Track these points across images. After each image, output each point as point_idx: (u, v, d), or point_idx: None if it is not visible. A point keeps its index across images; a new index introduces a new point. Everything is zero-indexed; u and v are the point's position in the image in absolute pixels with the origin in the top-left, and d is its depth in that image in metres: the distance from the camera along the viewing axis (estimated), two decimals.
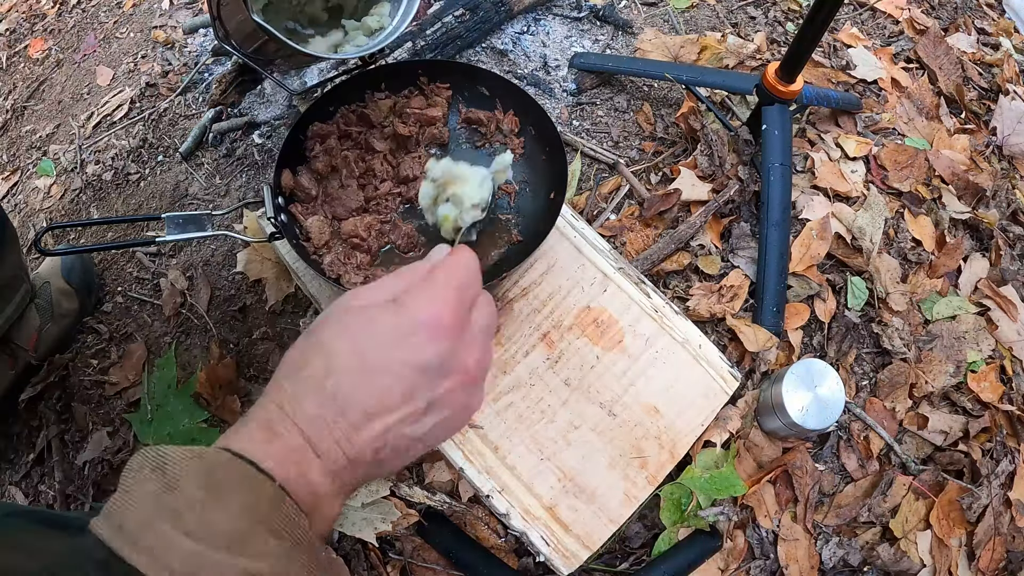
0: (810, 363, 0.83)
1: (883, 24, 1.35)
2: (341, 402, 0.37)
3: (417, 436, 0.38)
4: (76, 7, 1.52)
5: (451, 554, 0.82)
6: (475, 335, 0.40)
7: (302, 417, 0.37)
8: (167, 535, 0.30)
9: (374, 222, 0.86)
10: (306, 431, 0.37)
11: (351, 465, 0.37)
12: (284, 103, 1.19)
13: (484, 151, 0.95)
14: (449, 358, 0.38)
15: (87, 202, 1.19)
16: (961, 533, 0.87)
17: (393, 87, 0.93)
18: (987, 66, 1.31)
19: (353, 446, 0.37)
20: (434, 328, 0.37)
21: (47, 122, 1.33)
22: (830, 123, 1.18)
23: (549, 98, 1.17)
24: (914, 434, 0.93)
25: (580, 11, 1.27)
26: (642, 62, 1.17)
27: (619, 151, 1.12)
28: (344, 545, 0.83)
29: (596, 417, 0.82)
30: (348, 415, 0.36)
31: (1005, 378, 0.98)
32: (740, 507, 0.85)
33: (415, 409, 0.37)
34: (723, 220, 1.03)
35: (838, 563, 0.85)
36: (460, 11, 1.18)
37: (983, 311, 1.02)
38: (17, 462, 0.99)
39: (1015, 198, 1.13)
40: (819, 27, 0.86)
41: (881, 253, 1.03)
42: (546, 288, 0.88)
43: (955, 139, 1.18)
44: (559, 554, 0.75)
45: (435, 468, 0.85)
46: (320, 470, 0.37)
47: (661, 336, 0.85)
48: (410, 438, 0.38)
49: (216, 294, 1.04)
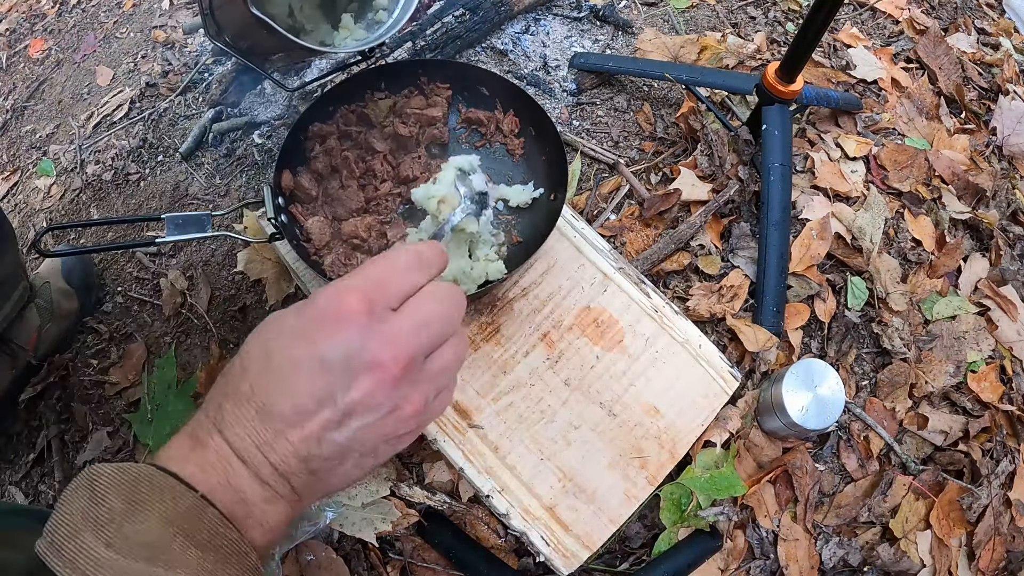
0: (810, 363, 0.83)
1: (883, 24, 1.35)
2: (258, 405, 0.36)
3: (345, 444, 0.36)
4: (76, 7, 1.52)
5: (451, 554, 0.82)
6: (396, 326, 0.36)
7: (224, 423, 0.36)
8: (89, 546, 0.31)
9: (374, 223, 0.86)
10: (228, 437, 0.36)
11: (279, 474, 0.36)
12: (284, 103, 1.19)
13: (484, 151, 0.95)
14: (354, 352, 0.35)
15: (87, 202, 1.19)
16: (961, 533, 0.87)
17: (393, 87, 0.93)
18: (987, 66, 1.31)
19: (276, 453, 0.36)
20: (333, 320, 0.35)
21: (47, 122, 1.33)
22: (830, 123, 1.18)
23: (549, 98, 1.17)
24: (914, 434, 0.93)
25: (580, 11, 1.27)
26: (642, 62, 1.17)
27: (619, 151, 1.12)
28: (344, 545, 0.83)
29: (596, 417, 0.82)
30: (268, 421, 0.36)
31: (1005, 378, 0.98)
32: (740, 507, 0.85)
33: (332, 413, 0.35)
34: (723, 220, 1.03)
35: (838, 563, 0.85)
36: (460, 11, 1.18)
37: (983, 311, 1.02)
38: (17, 462, 0.99)
39: (1015, 198, 1.13)
40: (819, 27, 0.86)
41: (881, 253, 1.03)
42: (546, 288, 0.88)
43: (955, 139, 1.18)
44: (559, 554, 0.75)
45: (435, 468, 0.85)
46: (247, 477, 0.36)
47: (661, 336, 0.85)
48: (339, 446, 0.36)
49: (216, 294, 1.04)
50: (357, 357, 0.35)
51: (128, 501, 0.33)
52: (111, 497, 0.33)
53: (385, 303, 0.37)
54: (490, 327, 0.85)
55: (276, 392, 0.36)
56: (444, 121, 0.93)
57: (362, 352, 0.35)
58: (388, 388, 0.36)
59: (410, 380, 0.37)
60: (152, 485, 0.34)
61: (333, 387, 0.35)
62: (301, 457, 0.36)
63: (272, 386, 0.36)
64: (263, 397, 0.36)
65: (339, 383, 0.35)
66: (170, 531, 0.33)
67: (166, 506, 0.33)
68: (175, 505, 0.34)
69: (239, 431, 0.36)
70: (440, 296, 0.39)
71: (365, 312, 0.35)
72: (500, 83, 0.93)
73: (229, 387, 0.37)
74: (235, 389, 0.37)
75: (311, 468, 0.37)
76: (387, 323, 0.36)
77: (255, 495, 0.36)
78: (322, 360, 0.35)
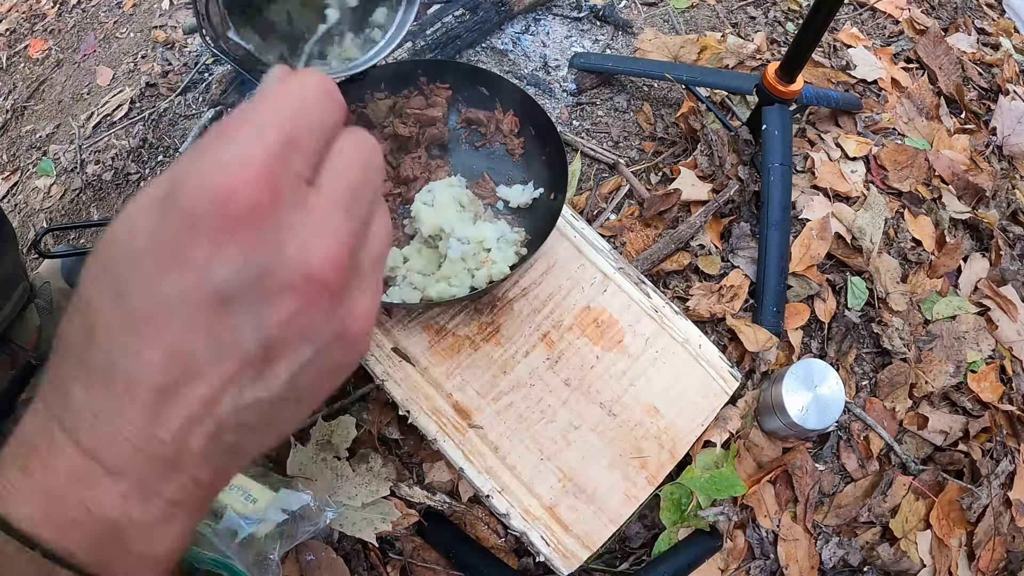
0: (810, 363, 0.83)
1: (883, 24, 1.35)
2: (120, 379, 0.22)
3: (271, 398, 0.24)
4: (76, 7, 1.52)
5: (451, 554, 0.82)
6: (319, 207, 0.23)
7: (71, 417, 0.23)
8: None
9: None
10: (82, 438, 0.23)
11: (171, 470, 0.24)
12: None
13: (484, 151, 0.95)
14: (267, 264, 0.22)
15: (87, 202, 1.19)
16: (961, 533, 0.87)
17: (393, 87, 0.93)
18: (987, 66, 1.31)
19: (160, 441, 0.23)
20: (220, 219, 0.21)
21: (47, 122, 1.33)
22: (830, 123, 1.18)
23: (549, 98, 1.17)
24: (914, 434, 0.93)
25: (580, 11, 1.27)
26: (642, 62, 1.17)
27: (619, 151, 1.12)
28: (344, 545, 0.83)
29: (596, 417, 0.82)
30: (137, 397, 0.22)
31: (1005, 378, 0.98)
32: (740, 507, 0.85)
33: (241, 363, 0.23)
34: (723, 220, 1.03)
35: (838, 563, 0.85)
36: (460, 11, 1.18)
37: (983, 311, 1.02)
38: None
39: (1015, 198, 1.13)
40: (819, 27, 0.86)
41: (881, 253, 1.03)
42: (546, 288, 0.88)
43: (955, 139, 1.18)
44: (559, 554, 0.75)
45: (435, 468, 0.85)
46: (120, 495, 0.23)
47: (661, 336, 0.85)
48: (260, 403, 0.24)
49: None
50: (270, 271, 0.22)
51: None
52: None
53: (296, 174, 0.23)
54: (490, 327, 0.85)
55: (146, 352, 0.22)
56: (444, 121, 0.93)
57: (279, 260, 0.22)
58: (325, 305, 0.23)
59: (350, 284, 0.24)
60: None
61: (239, 324, 0.22)
62: (207, 435, 0.23)
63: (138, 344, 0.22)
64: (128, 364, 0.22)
65: (247, 316, 0.22)
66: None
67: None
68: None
69: (103, 428, 0.23)
70: (359, 145, 0.26)
71: (269, 196, 0.22)
72: (500, 83, 0.93)
73: (69, 358, 0.24)
74: (79, 359, 0.23)
75: (225, 445, 0.24)
76: (305, 207, 0.23)
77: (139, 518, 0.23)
78: (213, 289, 0.22)
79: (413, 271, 0.82)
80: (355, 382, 0.91)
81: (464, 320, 0.85)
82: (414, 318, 0.84)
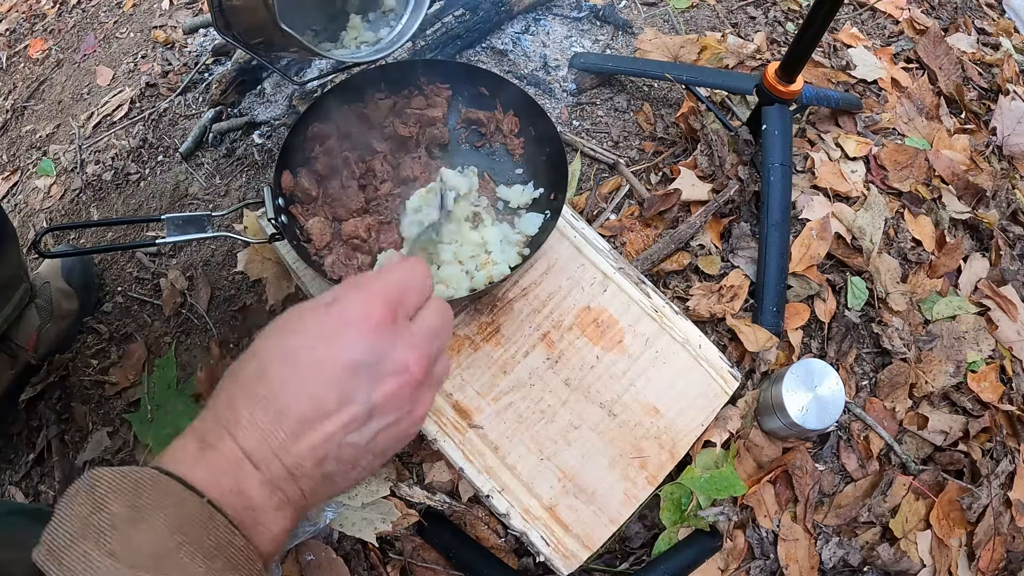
0: (810, 363, 0.83)
1: (883, 24, 1.35)
2: (275, 407, 0.35)
3: (362, 445, 0.37)
4: (76, 7, 1.52)
5: (451, 554, 0.82)
6: (417, 335, 0.39)
7: (236, 426, 0.35)
8: (89, 555, 0.30)
9: (374, 223, 0.86)
10: (241, 441, 0.35)
11: (291, 477, 0.36)
12: (284, 103, 1.18)
13: (484, 151, 0.95)
14: (383, 356, 0.37)
15: (87, 202, 1.19)
16: (961, 533, 0.87)
17: (393, 87, 0.93)
18: (987, 66, 1.31)
19: (291, 455, 0.35)
20: (363, 324, 0.36)
21: (47, 122, 1.33)
22: (830, 123, 1.18)
23: (549, 98, 1.17)
24: (914, 434, 0.93)
25: (580, 11, 1.27)
26: (642, 62, 1.17)
27: (619, 151, 1.12)
28: (344, 545, 0.83)
29: (596, 417, 0.82)
30: (284, 422, 0.35)
31: (1005, 378, 0.98)
32: (740, 507, 0.85)
33: (355, 414, 0.36)
34: (723, 220, 1.03)
35: (838, 563, 0.85)
36: (460, 11, 1.18)
37: (983, 311, 1.02)
38: (17, 462, 0.99)
39: (1015, 198, 1.13)
40: (819, 27, 0.86)
41: (881, 253, 1.03)
42: (546, 288, 0.88)
43: (955, 139, 1.18)
44: (559, 554, 0.75)
45: (435, 468, 0.85)
46: (258, 482, 0.35)
47: (661, 336, 0.85)
48: (355, 447, 0.37)
49: (216, 294, 1.04)
50: (385, 361, 0.36)
51: (131, 507, 0.32)
52: (113, 502, 0.32)
53: (405, 312, 0.39)
54: (490, 327, 0.85)
55: (297, 393, 0.35)
56: (444, 121, 0.93)
57: (390, 356, 0.37)
58: (410, 390, 0.38)
59: (425, 384, 0.39)
60: (156, 490, 0.33)
61: (358, 389, 0.36)
62: (318, 459, 0.36)
63: (294, 387, 0.35)
64: (284, 399, 0.35)
65: (365, 385, 0.36)
66: (176, 539, 0.31)
67: (171, 512, 0.32)
68: (181, 511, 0.32)
69: (254, 434, 0.35)
70: (441, 309, 0.42)
71: (391, 319, 0.37)
72: (500, 83, 0.93)
73: (242, 388, 0.36)
74: (249, 390, 0.36)
75: (325, 471, 0.36)
76: (408, 331, 0.39)
77: (265, 501, 0.35)
78: (351, 362, 0.36)
79: None
80: None
81: (464, 320, 0.85)
82: None
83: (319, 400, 0.35)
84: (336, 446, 0.36)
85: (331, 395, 0.35)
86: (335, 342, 0.36)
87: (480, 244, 0.83)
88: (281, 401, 0.35)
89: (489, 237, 0.83)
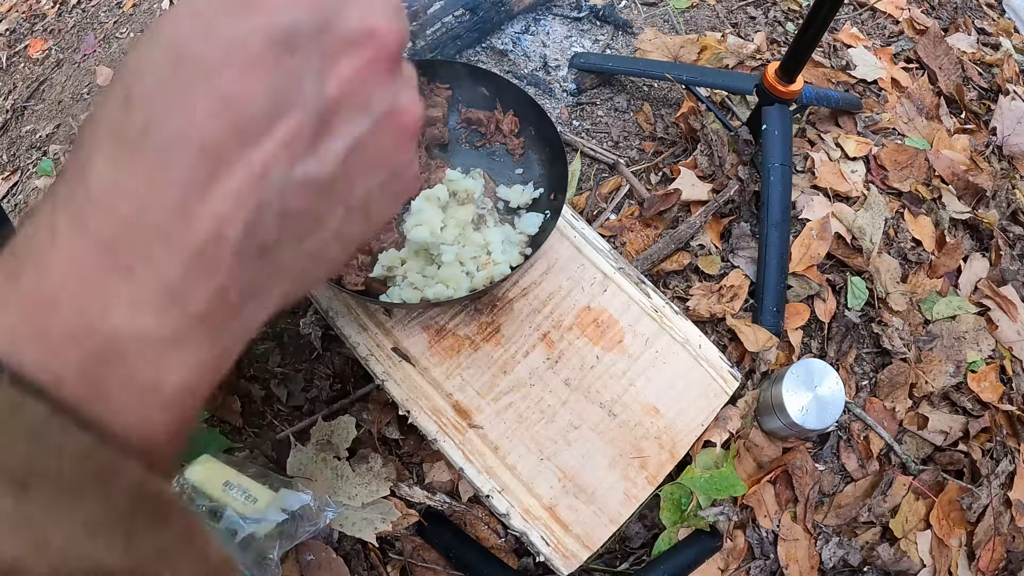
0: (810, 363, 0.83)
1: (883, 24, 1.35)
2: (156, 143, 0.19)
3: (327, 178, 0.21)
4: (76, 7, 1.52)
5: (451, 554, 0.82)
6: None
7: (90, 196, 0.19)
8: None
9: None
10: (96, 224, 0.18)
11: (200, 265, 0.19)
12: None
13: (484, 151, 0.95)
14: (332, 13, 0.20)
15: None
16: (961, 533, 0.87)
17: None
18: (987, 66, 1.31)
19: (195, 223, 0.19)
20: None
21: (47, 122, 1.33)
22: (830, 123, 1.18)
23: (549, 98, 1.17)
24: (914, 434, 0.93)
25: (580, 11, 1.27)
26: (642, 62, 1.17)
27: (619, 151, 1.12)
28: (344, 545, 0.83)
29: (596, 417, 0.82)
30: (175, 165, 0.18)
31: (1005, 378, 0.98)
32: (740, 507, 0.85)
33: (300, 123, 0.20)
34: (723, 220, 1.03)
35: (838, 563, 0.85)
36: (460, 11, 1.18)
37: (983, 311, 1.02)
38: None
39: (1015, 198, 1.13)
40: (819, 27, 0.86)
41: (881, 253, 1.03)
42: (546, 288, 0.88)
43: (955, 139, 1.18)
44: (559, 554, 0.75)
45: (435, 468, 0.86)
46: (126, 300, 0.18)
47: (661, 336, 0.85)
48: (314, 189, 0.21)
49: None
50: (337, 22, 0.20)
51: None
52: None
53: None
54: (490, 327, 0.85)
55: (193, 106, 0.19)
56: (444, 121, 0.93)
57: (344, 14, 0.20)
58: (384, 71, 0.22)
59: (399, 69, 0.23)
60: None
61: (301, 74, 0.20)
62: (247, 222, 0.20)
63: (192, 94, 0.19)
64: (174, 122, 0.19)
65: (310, 65, 0.20)
66: None
67: None
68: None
69: (125, 208, 0.18)
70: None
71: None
72: (500, 83, 0.93)
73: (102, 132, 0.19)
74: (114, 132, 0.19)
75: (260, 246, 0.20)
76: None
77: (150, 332, 0.18)
78: (279, 30, 0.19)
79: (412, 271, 0.82)
80: (355, 382, 0.91)
81: (464, 320, 0.85)
82: (414, 318, 0.84)
83: (235, 104, 0.19)
84: (275, 191, 0.20)
85: (255, 90, 0.19)
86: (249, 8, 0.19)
87: (482, 245, 0.83)
88: (166, 127, 0.19)
89: (491, 238, 0.83)
